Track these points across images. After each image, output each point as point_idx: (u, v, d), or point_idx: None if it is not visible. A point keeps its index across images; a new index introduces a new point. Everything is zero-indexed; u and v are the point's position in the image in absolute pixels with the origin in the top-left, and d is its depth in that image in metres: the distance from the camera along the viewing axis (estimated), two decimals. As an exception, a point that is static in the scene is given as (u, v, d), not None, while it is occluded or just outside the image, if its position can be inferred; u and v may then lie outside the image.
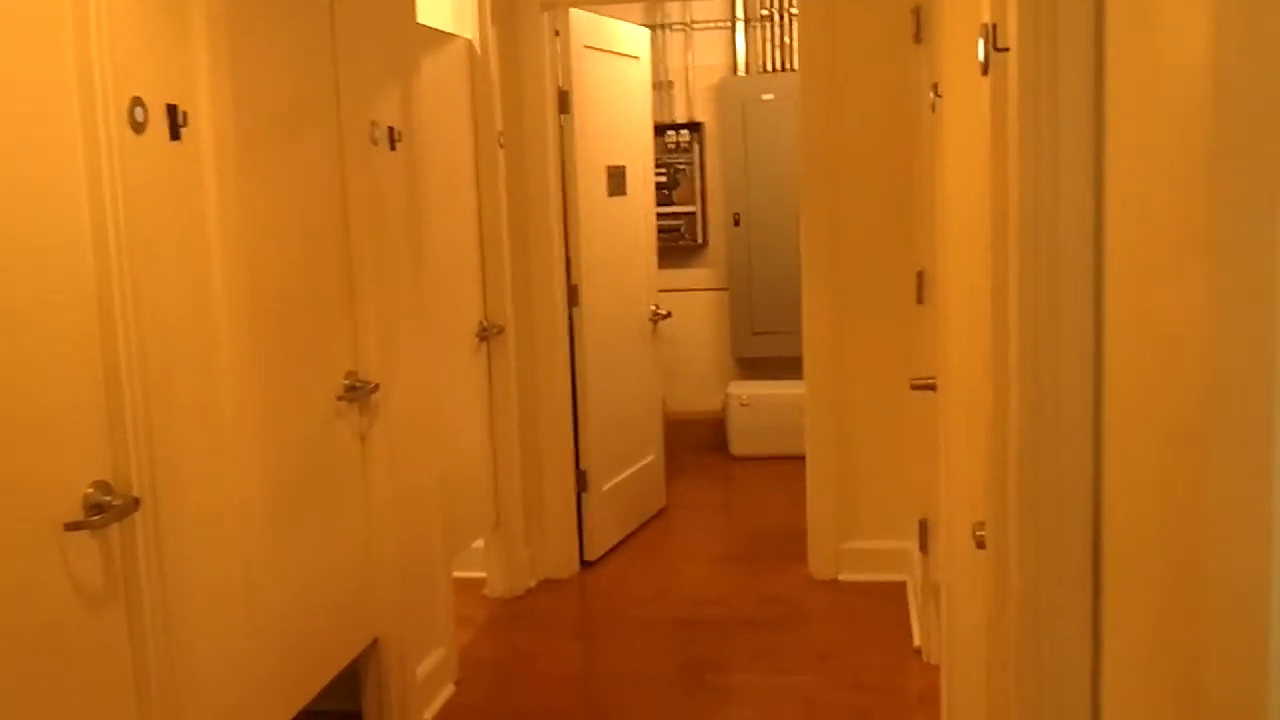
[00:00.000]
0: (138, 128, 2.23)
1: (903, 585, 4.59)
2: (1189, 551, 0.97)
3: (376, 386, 3.31)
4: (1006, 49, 1.57)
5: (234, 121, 2.62)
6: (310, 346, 3.08)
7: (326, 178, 3.15)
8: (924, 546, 4.00)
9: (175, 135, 2.38)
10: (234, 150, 2.62)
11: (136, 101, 2.23)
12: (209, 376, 2.52)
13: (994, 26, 1.69)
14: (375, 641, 3.48)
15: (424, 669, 3.69)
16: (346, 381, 3.24)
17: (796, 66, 4.73)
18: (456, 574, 4.17)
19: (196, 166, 2.48)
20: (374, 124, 3.33)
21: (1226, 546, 0.77)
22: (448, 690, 3.86)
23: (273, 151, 2.85)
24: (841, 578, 4.71)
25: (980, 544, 2.05)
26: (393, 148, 3.49)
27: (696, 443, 6.98)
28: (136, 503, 2.21)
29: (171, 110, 2.36)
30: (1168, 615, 1.07)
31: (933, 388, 3.26)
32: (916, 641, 4.06)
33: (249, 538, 2.66)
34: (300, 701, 3.03)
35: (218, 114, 2.55)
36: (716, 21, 6.85)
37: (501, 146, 4.52)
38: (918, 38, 3.93)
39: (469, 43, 4.37)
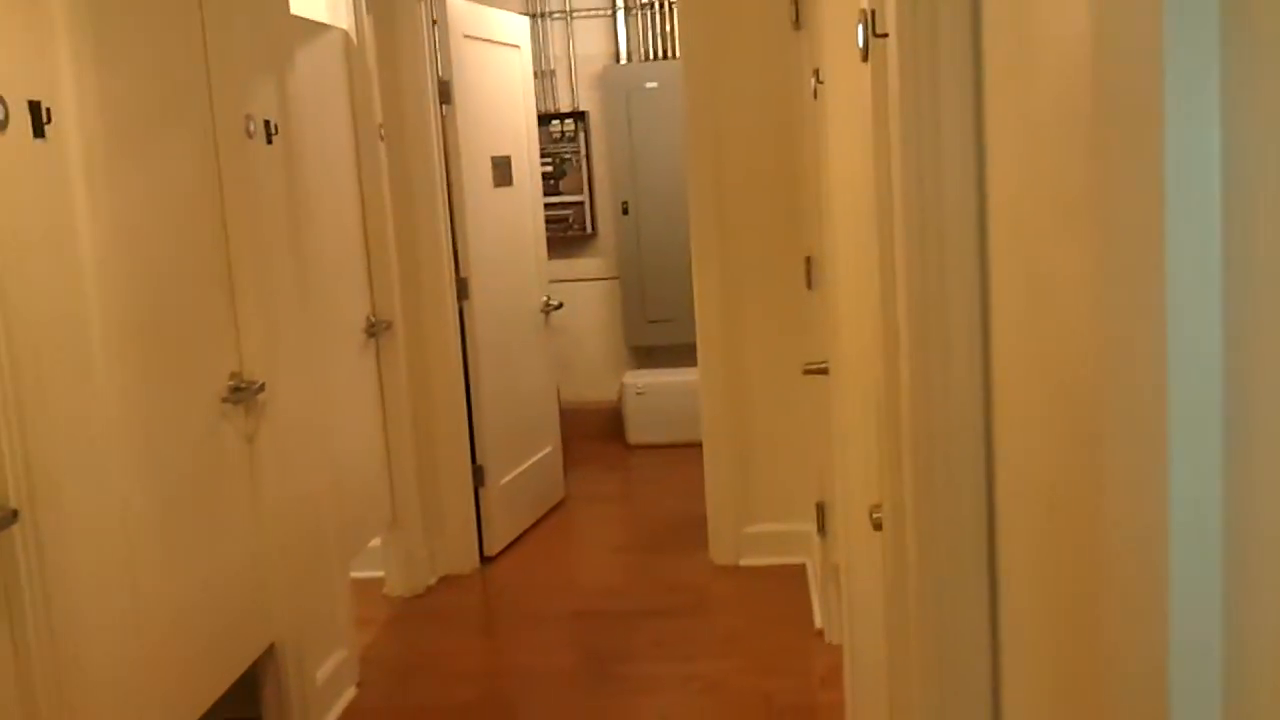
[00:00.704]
0: (-2, 127, 2.14)
1: (803, 568, 4.64)
2: (1083, 523, 0.98)
3: (262, 386, 3.23)
4: (885, 35, 1.58)
5: (101, 117, 2.53)
6: (191, 348, 2.99)
7: (201, 173, 3.06)
8: (822, 529, 4.04)
9: (39, 133, 2.28)
10: (103, 147, 2.53)
11: (-5, 100, 2.13)
12: (85, 382, 2.43)
13: (872, 12, 1.70)
14: (272, 646, 3.40)
15: (324, 672, 3.63)
16: (230, 382, 3.16)
17: (679, 54, 4.74)
18: (354, 574, 4.10)
19: (63, 164, 2.38)
20: (249, 117, 3.25)
21: (1119, 517, 0.78)
22: (349, 693, 3.80)
23: (144, 147, 2.76)
24: (742, 563, 4.75)
25: (877, 526, 2.07)
26: (269, 141, 3.41)
27: (593, 433, 6.97)
28: (15, 515, 2.14)
29: (34, 107, 2.26)
30: (1063, 589, 1.09)
31: (825, 372, 3.29)
32: (818, 623, 4.10)
33: (134, 546, 2.57)
34: (197, 711, 2.96)
35: (84, 110, 2.45)
36: (597, 10, 6.83)
37: (382, 139, 4.45)
38: (797, 24, 3.96)
39: (345, 33, 4.28)
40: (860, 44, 1.79)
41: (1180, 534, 0.68)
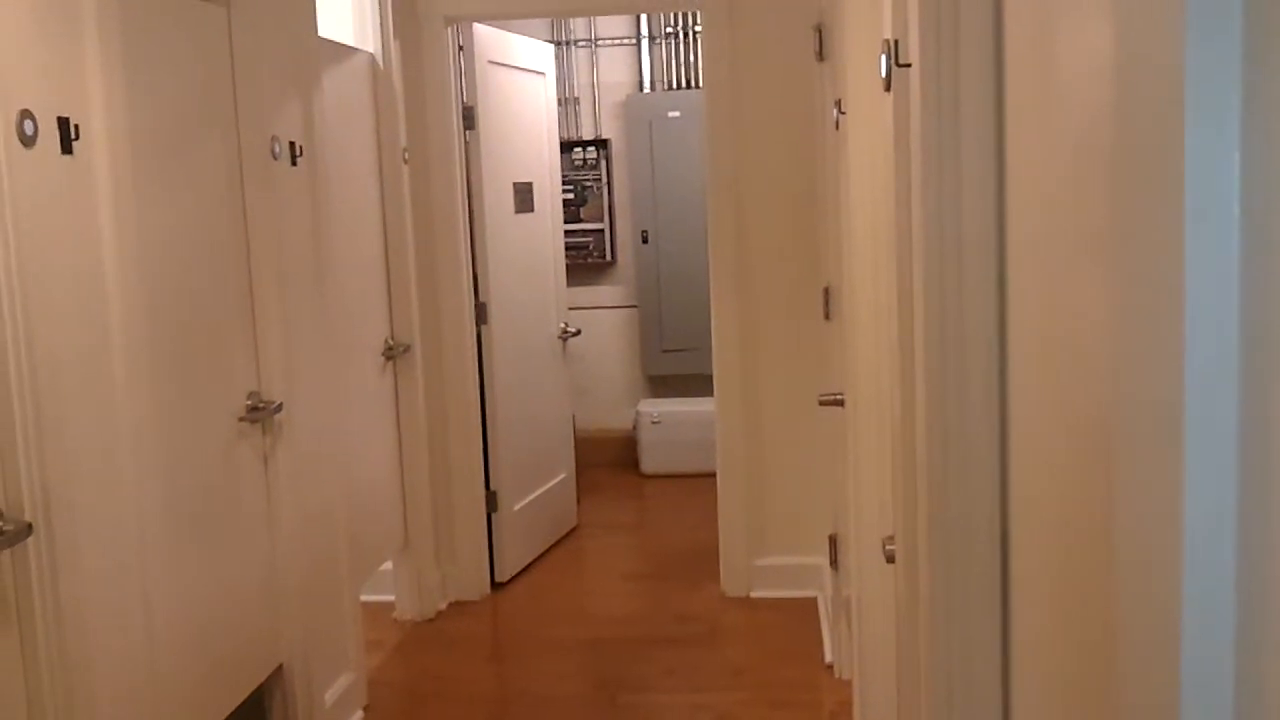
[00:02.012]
0: (27, 141, 2.16)
1: (814, 601, 4.61)
2: (1097, 559, 0.98)
3: (280, 406, 3.23)
4: (908, 65, 1.58)
5: (129, 135, 2.55)
6: (210, 366, 3.00)
7: (226, 193, 3.08)
8: (834, 562, 4.02)
9: (67, 149, 2.30)
10: (129, 164, 2.55)
11: (25, 114, 2.16)
12: (104, 398, 2.44)
13: (895, 42, 1.71)
14: (280, 668, 3.39)
15: (331, 695, 3.61)
16: (248, 402, 3.16)
17: (701, 84, 4.77)
18: (365, 597, 4.10)
19: (90, 181, 2.40)
20: (274, 138, 3.27)
21: (1134, 556, 0.77)
22: (357, 716, 3.79)
23: (170, 165, 2.78)
24: (753, 594, 4.72)
25: (890, 558, 2.06)
26: (294, 163, 3.43)
27: (607, 461, 6.96)
28: (29, 528, 2.14)
29: (63, 123, 2.29)
30: (1076, 624, 1.08)
31: (841, 403, 3.28)
32: (828, 657, 4.07)
33: (147, 563, 2.58)
34: (202, 732, 2.95)
35: (112, 127, 2.47)
36: (621, 38, 6.87)
37: (406, 162, 4.47)
38: (820, 55, 3.97)
39: (371, 57, 4.32)
40: (883, 74, 1.79)
41: (1194, 571, 0.67)
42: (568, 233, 6.10)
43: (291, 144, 3.41)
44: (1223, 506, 0.66)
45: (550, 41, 6.16)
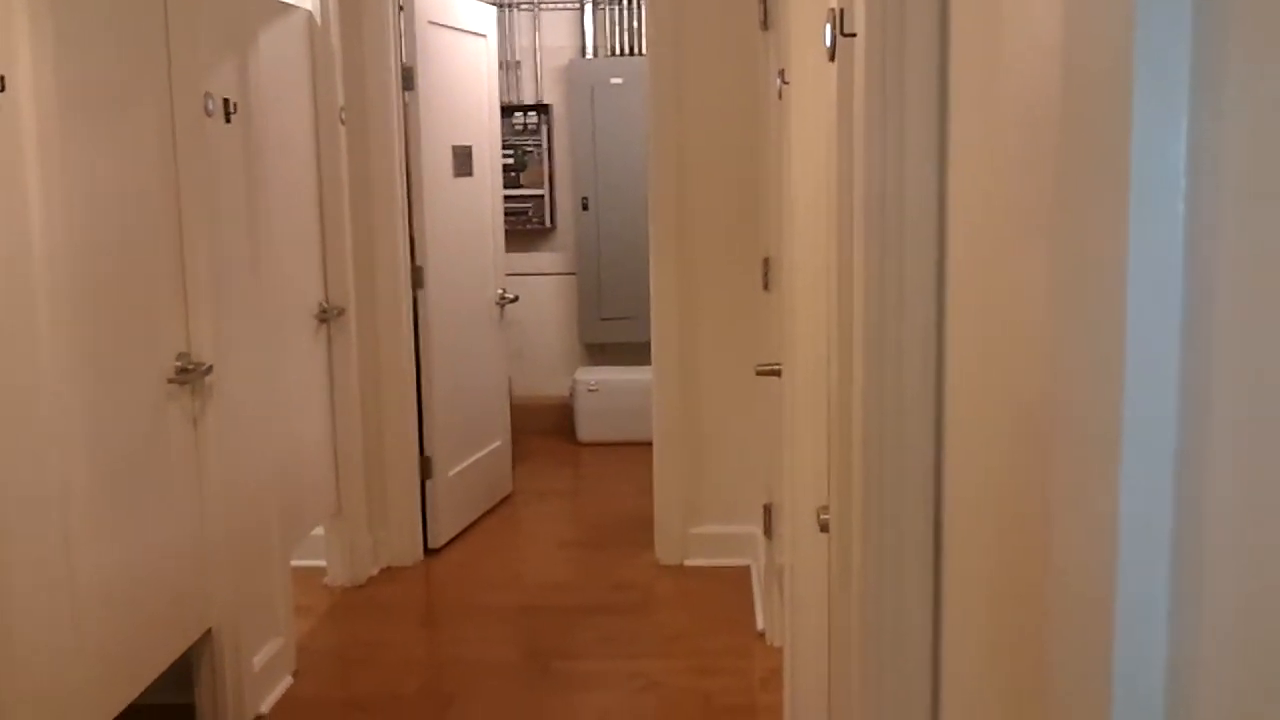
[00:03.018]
0: (-54, 90, 2.09)
1: (747, 569, 4.64)
2: (1030, 531, 0.98)
3: (210, 368, 3.18)
4: (854, 34, 1.58)
5: (57, 88, 2.48)
6: (138, 326, 2.94)
7: (157, 150, 3.01)
8: (768, 531, 4.05)
9: (-12, 100, 2.23)
10: (57, 118, 2.48)
11: (-56, 62, 2.09)
12: (26, 356, 2.38)
13: (841, 11, 1.70)
14: (209, 632, 3.36)
15: (261, 659, 3.58)
16: (178, 363, 3.11)
17: (645, 50, 4.73)
18: (296, 562, 4.06)
19: (15, 134, 2.34)
20: (208, 95, 3.20)
21: (1068, 526, 0.77)
22: (286, 681, 3.75)
23: (100, 120, 2.71)
24: (688, 563, 4.74)
25: (824, 527, 2.07)
26: (228, 120, 3.36)
27: (543, 428, 6.95)
28: (-56, 491, 2.09)
29: (-16, 73, 2.21)
30: (1008, 595, 1.09)
31: (778, 374, 3.29)
32: (760, 625, 4.11)
33: (70, 524, 2.53)
34: (130, 694, 2.91)
35: (39, 80, 2.40)
36: (564, 3, 6.80)
37: (343, 123, 4.40)
38: (765, 24, 3.96)
39: (309, 15, 4.24)
40: (828, 43, 1.78)
41: (1129, 545, 0.67)
42: (507, 198, 6.04)
43: (226, 101, 3.34)
44: (1160, 488, 0.66)
45: (492, 3, 6.07)
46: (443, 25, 4.99)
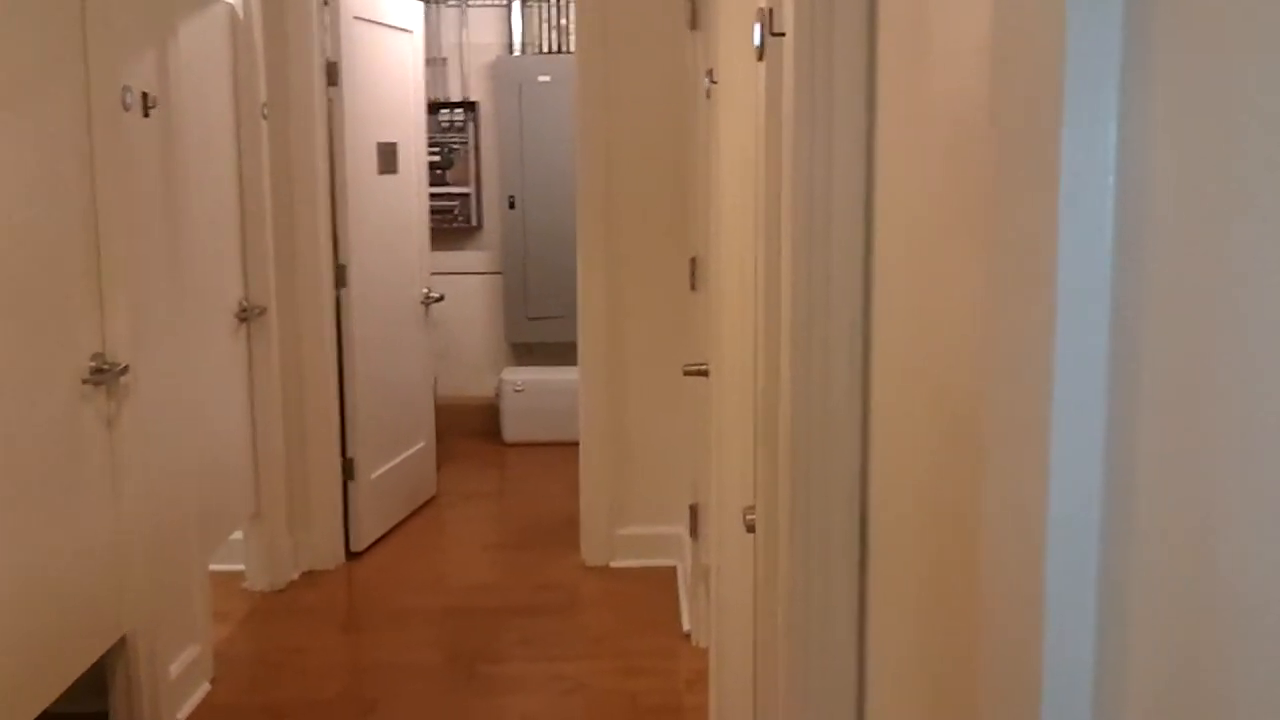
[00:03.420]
0: None
1: (673, 570, 4.64)
2: (957, 532, 0.98)
3: (126, 368, 3.10)
4: (782, 34, 1.57)
5: (-39, 76, 2.39)
6: (51, 325, 2.85)
7: (72, 143, 2.93)
8: (694, 531, 4.05)
9: (-110, 87, 2.15)
10: (-39, 107, 2.39)
11: None
12: (-71, 355, 2.30)
13: (770, 11, 1.70)
14: (124, 639, 3.27)
15: (177, 667, 3.50)
16: (92, 363, 3.03)
17: (573, 49, 4.71)
18: (214, 567, 3.97)
19: (-85, 123, 2.25)
20: (126, 88, 3.12)
21: (996, 527, 0.77)
22: (203, 688, 3.67)
23: (10, 112, 2.62)
24: (614, 564, 4.73)
25: (750, 528, 2.07)
26: (146, 114, 3.28)
27: (469, 429, 6.89)
28: None
29: (-115, 59, 2.13)
30: (933, 596, 1.09)
31: (705, 374, 3.29)
32: (686, 625, 4.11)
33: (-24, 531, 2.44)
34: (43, 701, 2.83)
35: (-59, 67, 2.32)
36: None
37: (265, 118, 4.32)
38: (693, 23, 3.96)
39: (231, 8, 4.15)
40: (756, 43, 1.78)
41: (1057, 546, 0.67)
42: (433, 196, 5.98)
43: (144, 94, 3.26)
44: (1089, 486, 0.66)
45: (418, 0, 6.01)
46: (368, 20, 4.92)
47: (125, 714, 3.34)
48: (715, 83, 2.86)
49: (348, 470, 4.85)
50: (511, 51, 6.76)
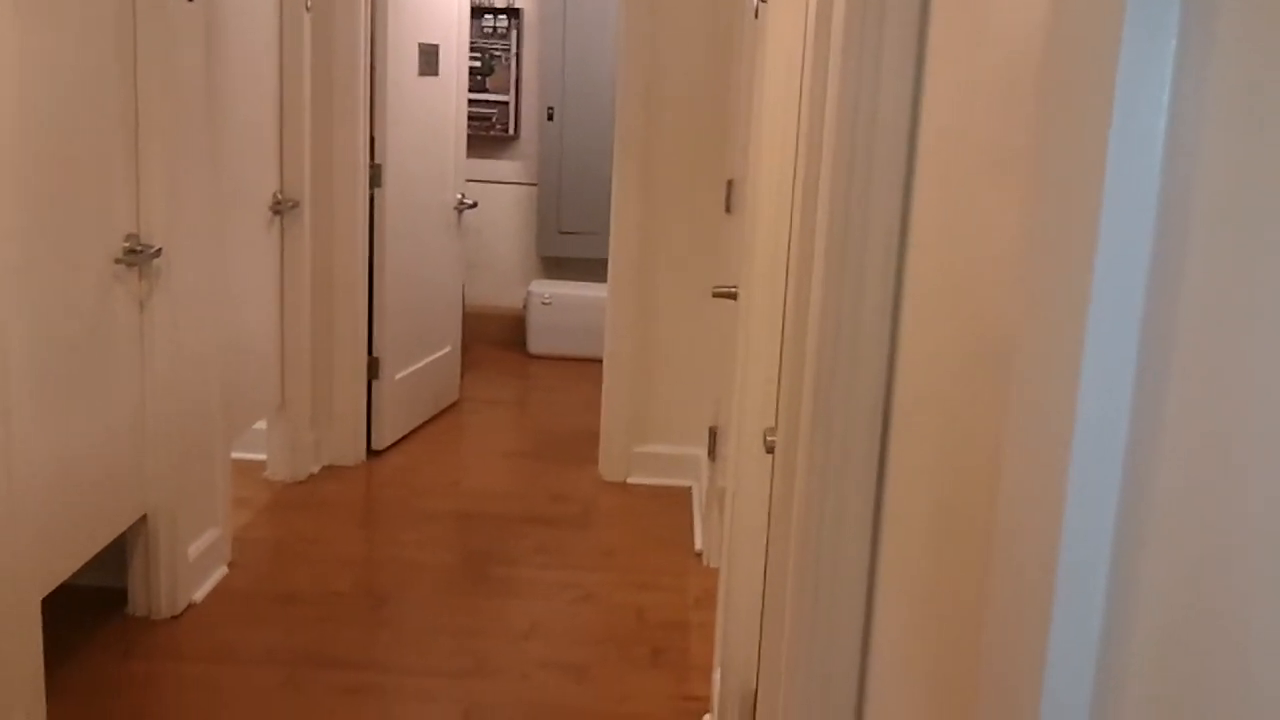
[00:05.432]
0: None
1: (689, 490, 4.68)
2: (978, 466, 0.99)
3: (159, 251, 3.12)
4: (838, -50, 1.54)
5: (9, -53, 2.38)
6: (87, 204, 2.87)
7: (115, 24, 2.92)
8: (712, 453, 4.07)
9: (-62, -48, 2.15)
10: (8, -21, 2.38)
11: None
12: (-32, 224, 2.32)
13: (827, -73, 1.66)
14: (145, 517, 3.34)
15: (196, 549, 3.57)
16: (126, 244, 3.05)
17: (623, -39, 4.65)
18: (236, 455, 4.03)
19: (-38, -9, 2.25)
20: (170, -31, 3.10)
21: (1020, 454, 0.77)
22: (220, 571, 3.75)
23: (53, -15, 2.62)
24: (630, 480, 4.77)
25: (770, 449, 2.08)
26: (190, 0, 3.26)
27: (494, 338, 6.92)
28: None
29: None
30: (948, 523, 1.10)
31: (734, 296, 3.28)
32: (698, 545, 4.15)
33: (9, 401, 2.48)
34: (64, 572, 2.89)
35: (-10, -64, 2.31)
36: (544, -94, 6.64)
37: (308, 10, 4.29)
38: (746, -58, 3.89)
39: (280, -105, 4.10)
40: (810, -40, 1.75)
41: (1079, 476, 0.67)
42: (471, 103, 5.94)
43: (188, -24, 3.24)
44: (1116, 422, 0.66)
45: (469, -100, 5.92)
46: (417, -82, 4.86)
47: (143, 590, 3.41)
48: (764, 1, 2.82)
49: (373, 369, 4.89)
50: (559, -41, 6.66)
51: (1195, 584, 0.60)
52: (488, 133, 6.75)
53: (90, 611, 3.40)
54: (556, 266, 6.98)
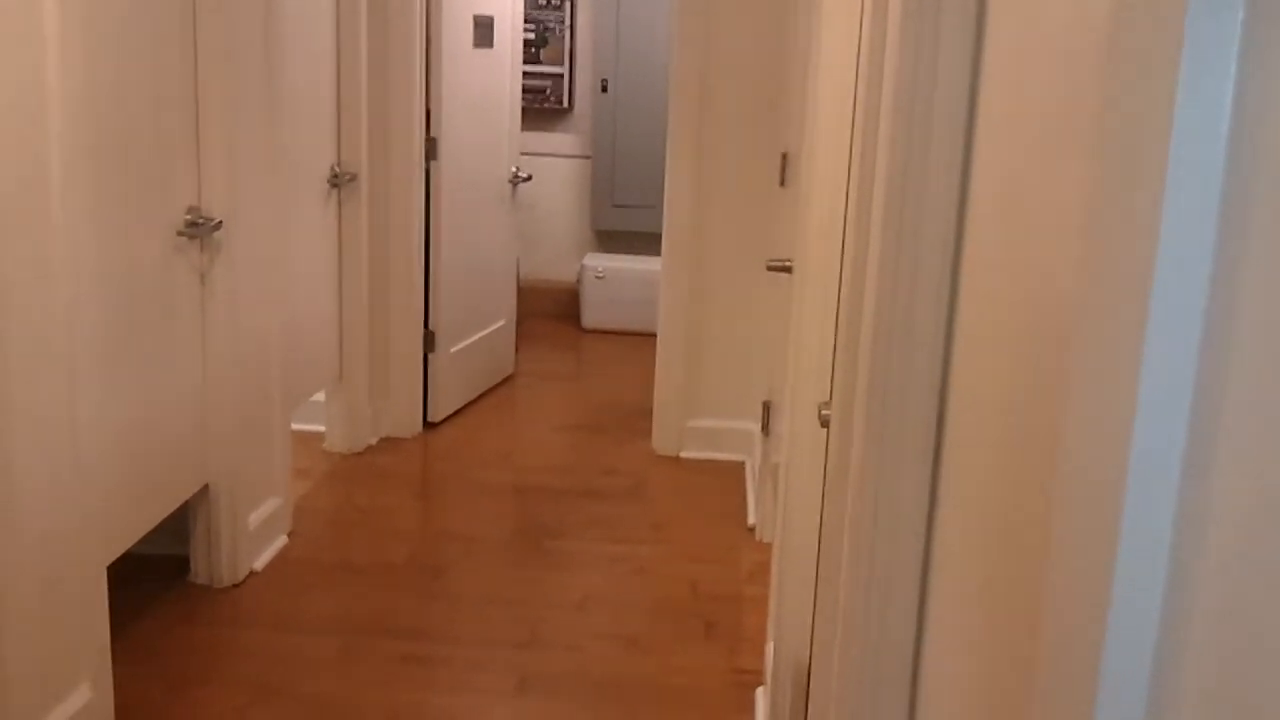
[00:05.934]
0: (-39, -84, 2.04)
1: (742, 465, 4.68)
2: (1034, 433, 0.98)
3: (220, 224, 3.16)
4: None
5: (73, -77, 2.41)
6: (151, 176, 2.91)
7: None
8: (766, 428, 4.06)
9: (5, -70, 2.18)
10: (72, -45, 2.42)
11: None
12: (39, 199, 2.36)
13: (887, -105, 1.64)
14: (206, 487, 3.39)
15: (256, 518, 3.62)
16: (188, 216, 3.09)
17: (678, -68, 4.62)
18: (295, 426, 4.08)
19: (29, -32, 2.28)
20: (230, -55, 3.13)
21: (1080, 439, 0.76)
22: (280, 541, 3.81)
23: (115, -39, 2.65)
24: (683, 455, 4.77)
25: (824, 423, 2.07)
26: (249, -27, 3.29)
27: (548, 312, 6.94)
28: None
29: (1, -99, 2.16)
30: (1006, 496, 1.09)
31: (789, 270, 3.27)
32: (751, 519, 4.15)
33: (77, 370, 2.53)
34: (128, 540, 2.95)
35: (54, -88, 2.34)
36: (599, -122, 6.62)
37: (366, -15, 4.31)
38: (804, -88, 3.85)
39: None
40: (869, -71, 1.73)
41: (1139, 466, 0.66)
42: (525, 75, 5.95)
43: (247, -48, 3.27)
44: (1178, 404, 0.65)
45: (524, -128, 5.91)
46: (472, -110, 4.86)
47: (204, 560, 3.47)
48: (822, -29, 2.79)
49: (428, 342, 4.93)
50: (615, -69, 6.63)
51: (1256, 561, 0.59)
52: (542, 105, 6.75)
53: (154, 579, 3.47)
54: (610, 240, 6.99)
